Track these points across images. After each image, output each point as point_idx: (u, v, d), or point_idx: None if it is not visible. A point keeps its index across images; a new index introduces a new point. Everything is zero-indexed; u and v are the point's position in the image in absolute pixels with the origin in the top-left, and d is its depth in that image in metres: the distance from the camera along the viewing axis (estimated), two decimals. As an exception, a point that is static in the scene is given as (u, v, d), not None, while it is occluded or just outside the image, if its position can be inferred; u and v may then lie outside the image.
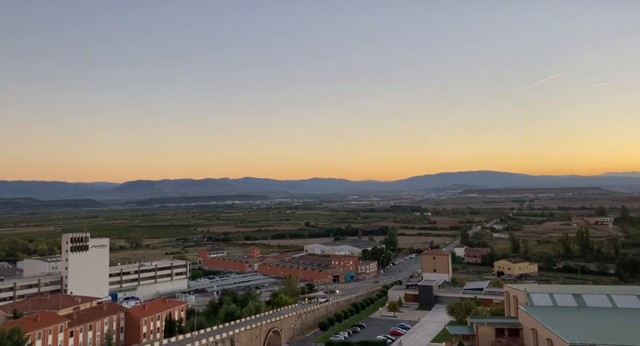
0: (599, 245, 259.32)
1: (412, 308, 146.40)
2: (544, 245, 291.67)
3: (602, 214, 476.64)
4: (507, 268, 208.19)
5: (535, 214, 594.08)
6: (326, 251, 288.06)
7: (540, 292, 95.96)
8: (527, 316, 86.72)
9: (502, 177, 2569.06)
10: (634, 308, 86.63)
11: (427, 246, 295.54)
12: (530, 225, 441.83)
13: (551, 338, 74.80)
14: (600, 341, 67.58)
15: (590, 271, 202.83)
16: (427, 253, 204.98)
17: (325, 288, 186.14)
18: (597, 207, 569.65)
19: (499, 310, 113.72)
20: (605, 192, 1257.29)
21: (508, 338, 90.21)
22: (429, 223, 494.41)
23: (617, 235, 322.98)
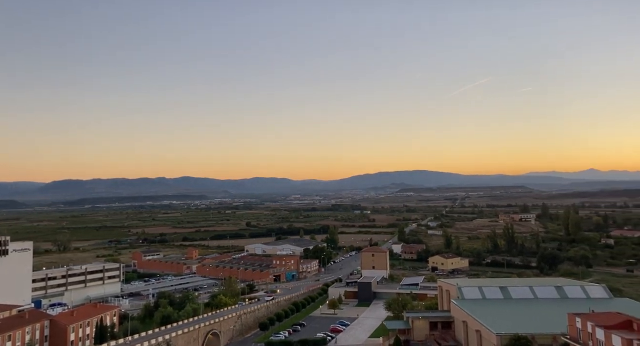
0: (522, 240, 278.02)
1: (352, 305, 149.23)
2: (474, 240, 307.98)
3: (525, 211, 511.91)
4: (440, 264, 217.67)
5: (466, 212, 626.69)
6: (267, 251, 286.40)
7: (471, 286, 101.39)
8: (458, 309, 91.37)
9: (437, 176, 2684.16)
10: (552, 298, 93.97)
11: (366, 244, 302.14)
12: (462, 222, 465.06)
13: (480, 330, 79.34)
14: (523, 330, 72.70)
15: (515, 265, 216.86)
16: (366, 251, 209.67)
17: (267, 288, 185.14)
18: (521, 205, 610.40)
19: (433, 304, 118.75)
20: (528, 190, 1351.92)
21: (441, 331, 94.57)
22: (368, 222, 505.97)
23: (538, 231, 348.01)
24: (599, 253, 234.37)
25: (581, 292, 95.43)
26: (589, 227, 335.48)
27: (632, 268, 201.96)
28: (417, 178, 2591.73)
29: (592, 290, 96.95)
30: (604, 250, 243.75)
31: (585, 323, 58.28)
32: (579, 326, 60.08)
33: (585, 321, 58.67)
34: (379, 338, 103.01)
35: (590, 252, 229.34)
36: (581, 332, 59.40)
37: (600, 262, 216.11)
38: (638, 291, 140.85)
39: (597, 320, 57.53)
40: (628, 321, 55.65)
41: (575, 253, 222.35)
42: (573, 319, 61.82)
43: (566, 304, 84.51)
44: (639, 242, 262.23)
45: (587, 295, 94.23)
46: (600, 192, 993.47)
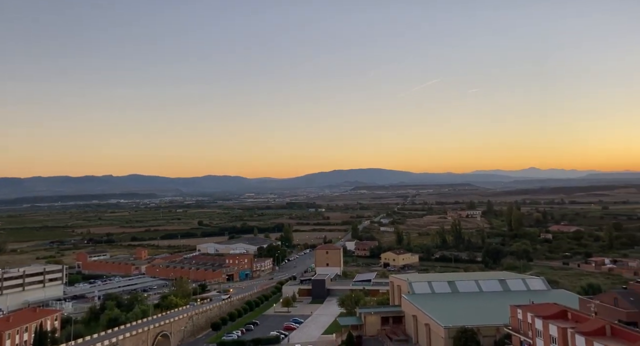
0: (469, 236, 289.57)
1: (306, 303, 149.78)
2: (424, 237, 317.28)
3: (472, 208, 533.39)
4: (392, 260, 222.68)
5: (417, 209, 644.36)
6: (220, 250, 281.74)
7: (420, 281, 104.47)
8: (409, 304, 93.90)
9: (390, 175, 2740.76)
10: (496, 291, 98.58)
11: (320, 241, 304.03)
12: (413, 219, 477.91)
13: (429, 323, 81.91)
14: (469, 322, 75.75)
15: (462, 260, 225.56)
16: (321, 248, 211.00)
17: (219, 287, 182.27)
18: (468, 202, 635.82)
19: (385, 299, 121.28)
20: (474, 188, 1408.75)
21: (392, 326, 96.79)
22: (323, 219, 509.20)
23: (483, 227, 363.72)
24: (539, 247, 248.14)
25: (522, 285, 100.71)
26: (529, 223, 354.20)
27: (567, 261, 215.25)
28: (371, 176, 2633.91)
29: (532, 282, 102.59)
30: (543, 245, 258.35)
31: (526, 314, 61.59)
32: (520, 317, 63.40)
33: (525, 312, 62.00)
34: (332, 334, 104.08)
35: (531, 246, 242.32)
36: (522, 323, 62.73)
37: (539, 256, 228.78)
38: (573, 282, 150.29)
39: (536, 310, 60.96)
40: (564, 311, 59.34)
41: (517, 247, 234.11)
42: (515, 311, 65.15)
43: (509, 296, 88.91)
44: (574, 236, 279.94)
45: (528, 287, 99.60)
46: (540, 190, 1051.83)
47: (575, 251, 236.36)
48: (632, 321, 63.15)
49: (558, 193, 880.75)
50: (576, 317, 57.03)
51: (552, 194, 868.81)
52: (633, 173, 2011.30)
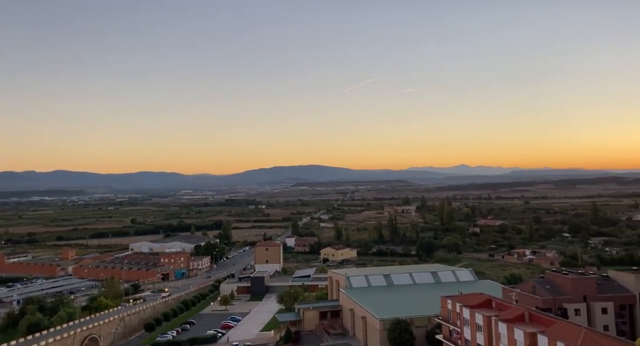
0: (404, 230, 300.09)
1: (244, 300, 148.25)
2: (362, 232, 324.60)
3: (407, 203, 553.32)
4: (331, 255, 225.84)
5: (355, 204, 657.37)
6: (155, 249, 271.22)
7: (358, 275, 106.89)
8: (346, 298, 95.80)
9: (329, 171, 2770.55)
10: (428, 283, 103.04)
11: (260, 238, 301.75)
12: (352, 214, 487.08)
13: (365, 316, 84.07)
14: (403, 314, 78.62)
15: (398, 254, 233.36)
16: (260, 245, 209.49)
17: (153, 287, 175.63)
18: (403, 197, 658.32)
19: (323, 294, 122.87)
20: (410, 184, 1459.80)
21: (330, 320, 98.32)
22: (263, 216, 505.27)
23: (417, 221, 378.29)
24: (468, 240, 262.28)
25: (452, 276, 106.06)
26: (459, 217, 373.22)
27: (493, 253, 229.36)
28: (312, 173, 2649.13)
29: (461, 274, 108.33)
30: (471, 238, 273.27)
31: (455, 304, 64.92)
32: (449, 307, 66.72)
33: (454, 302, 65.34)
34: (271, 331, 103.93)
35: (460, 239, 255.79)
36: (451, 313, 66.05)
37: (468, 249, 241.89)
38: (497, 273, 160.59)
39: (464, 300, 64.46)
40: (489, 301, 63.21)
41: (448, 241, 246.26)
42: (445, 301, 68.47)
43: (440, 288, 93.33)
44: (499, 230, 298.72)
45: (457, 278, 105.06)
46: (469, 186, 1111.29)
47: (500, 243, 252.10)
48: (548, 307, 68.61)
49: (485, 189, 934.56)
50: (499, 305, 60.98)
51: (480, 190, 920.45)
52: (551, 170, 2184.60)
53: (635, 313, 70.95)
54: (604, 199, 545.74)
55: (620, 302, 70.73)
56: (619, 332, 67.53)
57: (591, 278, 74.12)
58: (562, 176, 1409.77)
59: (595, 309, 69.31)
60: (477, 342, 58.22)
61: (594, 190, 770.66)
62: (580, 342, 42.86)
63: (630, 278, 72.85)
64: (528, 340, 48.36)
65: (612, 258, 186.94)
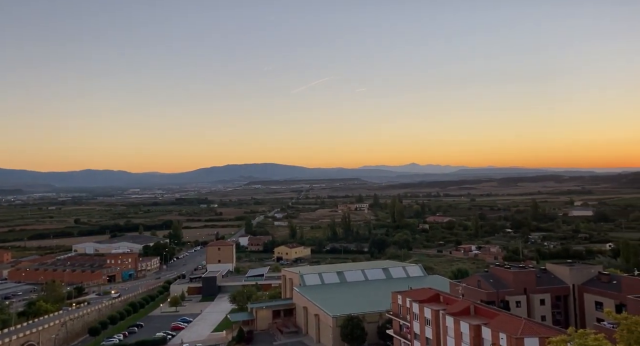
0: (357, 228, 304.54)
1: (195, 301, 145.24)
2: (316, 230, 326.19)
3: (360, 201, 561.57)
4: (285, 253, 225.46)
5: (310, 203, 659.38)
6: (101, 250, 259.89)
7: (312, 273, 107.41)
8: (300, 296, 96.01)
9: (284, 169, 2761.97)
10: (380, 279, 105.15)
11: (212, 238, 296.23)
12: (306, 213, 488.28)
13: (318, 314, 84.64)
14: (356, 310, 79.88)
15: (351, 251, 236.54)
16: (212, 245, 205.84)
17: (99, 289, 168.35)
18: (357, 195, 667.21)
19: (277, 293, 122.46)
20: (363, 182, 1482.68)
21: (283, 319, 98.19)
22: (215, 215, 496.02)
23: (370, 219, 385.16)
24: (418, 236, 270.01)
25: (403, 272, 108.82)
26: (410, 214, 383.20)
27: (441, 248, 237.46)
28: (266, 171, 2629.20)
29: (411, 269, 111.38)
30: (421, 234, 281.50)
31: (405, 299, 66.69)
32: (400, 302, 68.44)
33: (404, 297, 67.10)
34: (223, 331, 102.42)
35: (411, 236, 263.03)
36: (401, 308, 67.80)
37: (418, 245, 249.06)
38: (445, 268, 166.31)
39: (414, 295, 66.36)
40: (437, 295, 65.42)
41: (399, 237, 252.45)
42: (395, 297, 70.15)
43: (391, 283, 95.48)
44: (447, 226, 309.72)
45: (407, 274, 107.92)
46: (419, 184, 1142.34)
47: (448, 239, 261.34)
48: (491, 300, 71.89)
49: (435, 187, 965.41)
50: (447, 300, 63.25)
51: (430, 188, 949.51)
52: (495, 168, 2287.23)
53: (569, 303, 75.77)
54: (543, 196, 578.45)
55: (556, 294, 75.30)
56: (554, 322, 71.84)
57: (531, 271, 78.39)
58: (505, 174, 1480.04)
59: (534, 301, 73.37)
60: (425, 336, 60.12)
61: (534, 188, 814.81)
62: (520, 333, 45.29)
63: (565, 270, 77.63)
64: (473, 332, 50.51)
65: (550, 252, 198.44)
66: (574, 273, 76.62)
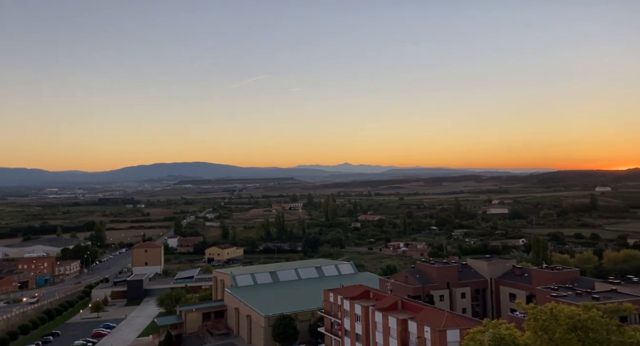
0: (291, 227, 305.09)
1: (120, 306, 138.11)
2: (249, 230, 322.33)
3: (294, 201, 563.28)
4: (217, 254, 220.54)
5: (243, 202, 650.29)
6: (11, 254, 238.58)
7: (244, 274, 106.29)
8: (231, 297, 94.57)
9: (216, 168, 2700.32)
10: (313, 277, 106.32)
11: (139, 239, 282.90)
12: (239, 213, 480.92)
13: (250, 314, 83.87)
14: (288, 309, 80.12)
15: (285, 250, 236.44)
16: (139, 247, 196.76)
17: (9, 297, 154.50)
18: (291, 195, 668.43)
19: (208, 295, 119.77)
20: (297, 181, 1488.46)
21: (214, 321, 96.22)
22: (142, 216, 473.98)
23: (304, 218, 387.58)
24: (350, 235, 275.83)
25: (335, 270, 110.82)
26: (343, 213, 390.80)
27: (372, 246, 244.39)
28: (197, 170, 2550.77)
29: (343, 267, 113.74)
30: (353, 232, 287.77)
31: (336, 296, 67.96)
32: (331, 300, 69.64)
33: (336, 295, 68.37)
34: (149, 336, 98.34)
35: (343, 234, 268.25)
36: (333, 305, 69.02)
37: (350, 243, 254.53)
38: (375, 265, 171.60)
39: (345, 293, 67.81)
40: (367, 292, 67.32)
41: (332, 236, 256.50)
42: (327, 294, 71.28)
43: (324, 282, 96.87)
44: (377, 224, 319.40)
45: (340, 272, 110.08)
46: (352, 183, 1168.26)
47: (378, 237, 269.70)
48: (418, 295, 75.35)
49: (366, 186, 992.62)
50: (377, 296, 65.33)
51: (362, 187, 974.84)
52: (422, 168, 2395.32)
53: (487, 295, 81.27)
54: (465, 195, 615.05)
55: (475, 287, 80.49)
56: (474, 313, 76.78)
57: (453, 266, 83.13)
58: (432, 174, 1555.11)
59: (456, 294, 77.93)
60: (355, 332, 61.69)
61: (457, 187, 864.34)
62: (442, 325, 47.90)
63: (483, 265, 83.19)
64: (400, 327, 52.64)
65: (470, 248, 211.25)
66: (491, 267, 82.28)
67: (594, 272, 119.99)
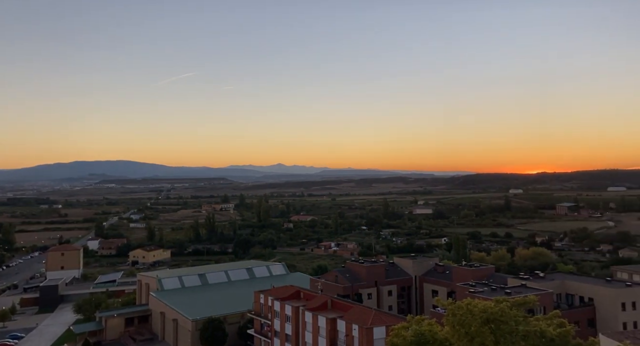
0: (222, 228, 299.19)
1: (31, 314, 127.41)
2: (178, 231, 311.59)
3: (226, 201, 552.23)
4: (142, 257, 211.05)
5: (171, 203, 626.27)
6: None
7: (171, 276, 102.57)
8: (156, 301, 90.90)
9: (142, 167, 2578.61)
10: (244, 279, 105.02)
11: (55, 242, 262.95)
12: (167, 214, 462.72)
13: (177, 318, 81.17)
14: (217, 312, 78.44)
15: (215, 252, 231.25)
16: (54, 250, 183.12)
17: None
18: (222, 195, 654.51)
19: (131, 299, 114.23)
20: (229, 182, 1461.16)
21: (137, 326, 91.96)
22: (59, 217, 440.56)
23: (235, 219, 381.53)
24: (282, 235, 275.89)
25: (266, 271, 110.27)
26: (276, 214, 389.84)
27: (304, 246, 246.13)
28: (121, 169, 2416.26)
29: (275, 268, 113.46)
30: (286, 233, 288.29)
31: (267, 298, 67.74)
32: (262, 301, 69.27)
33: (267, 296, 68.14)
34: (64, 345, 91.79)
35: (276, 235, 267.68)
36: (263, 306, 68.70)
37: (282, 243, 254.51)
38: (307, 265, 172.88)
39: (276, 294, 67.77)
40: (298, 292, 67.77)
41: (265, 237, 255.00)
42: (257, 296, 70.82)
43: (255, 283, 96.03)
44: (309, 224, 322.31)
45: (271, 273, 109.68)
46: (285, 184, 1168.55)
47: (311, 237, 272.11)
48: (347, 294, 77.05)
49: (299, 187, 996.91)
50: (307, 296, 65.97)
51: (295, 188, 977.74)
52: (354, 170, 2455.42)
53: (412, 293, 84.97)
54: (393, 196, 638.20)
55: (401, 285, 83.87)
56: (400, 310, 79.98)
57: (381, 265, 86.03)
58: (363, 175, 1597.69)
59: (383, 292, 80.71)
60: (285, 332, 61.87)
61: (386, 188, 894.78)
62: (370, 323, 49.43)
63: (408, 263, 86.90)
64: (329, 326, 53.58)
65: (398, 247, 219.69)
66: (415, 265, 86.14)
67: (507, 269, 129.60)
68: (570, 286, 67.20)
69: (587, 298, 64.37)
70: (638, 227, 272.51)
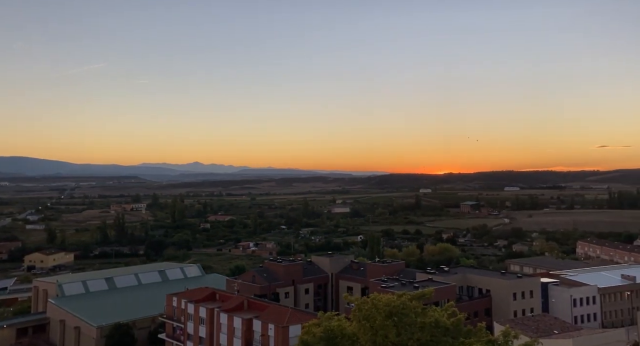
0: (133, 229, 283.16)
1: None
2: (82, 233, 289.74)
3: (137, 201, 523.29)
4: (40, 261, 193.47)
5: (76, 203, 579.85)
6: None
7: (74, 281, 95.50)
8: (56, 308, 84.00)
9: (42, 164, 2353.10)
10: (155, 282, 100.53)
11: None
12: (70, 214, 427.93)
13: (79, 326, 75.69)
14: (125, 317, 74.45)
15: (124, 254, 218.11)
16: None
17: None
18: (133, 195, 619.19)
19: (25, 308, 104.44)
20: (141, 181, 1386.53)
21: (32, 337, 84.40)
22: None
23: (148, 219, 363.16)
24: (199, 236, 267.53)
25: (180, 273, 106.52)
26: (192, 214, 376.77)
27: (221, 247, 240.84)
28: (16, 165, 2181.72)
29: (189, 269, 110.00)
30: (202, 234, 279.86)
31: (180, 300, 65.50)
32: (175, 304, 66.84)
33: (180, 299, 65.87)
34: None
35: (191, 235, 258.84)
36: (176, 309, 66.36)
37: (199, 244, 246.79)
38: (224, 266, 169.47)
39: (190, 296, 65.76)
40: (213, 293, 66.37)
41: (179, 238, 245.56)
42: (170, 299, 68.21)
43: (167, 286, 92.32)
44: (228, 224, 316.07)
45: (185, 275, 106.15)
46: (202, 183, 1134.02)
47: (229, 238, 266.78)
48: (264, 293, 76.92)
49: (217, 186, 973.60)
50: (223, 297, 64.84)
51: (213, 187, 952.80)
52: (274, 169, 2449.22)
53: (328, 290, 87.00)
54: (312, 195, 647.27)
55: (318, 282, 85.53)
56: (316, 308, 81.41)
57: (298, 264, 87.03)
58: (283, 175, 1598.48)
59: (300, 290, 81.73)
60: (199, 335, 60.32)
61: (306, 188, 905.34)
62: (285, 322, 49.83)
63: (325, 261, 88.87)
64: (245, 326, 53.18)
65: (316, 245, 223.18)
66: (332, 263, 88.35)
67: (417, 264, 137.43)
68: (471, 279, 73.08)
69: (485, 290, 70.47)
70: (529, 223, 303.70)
